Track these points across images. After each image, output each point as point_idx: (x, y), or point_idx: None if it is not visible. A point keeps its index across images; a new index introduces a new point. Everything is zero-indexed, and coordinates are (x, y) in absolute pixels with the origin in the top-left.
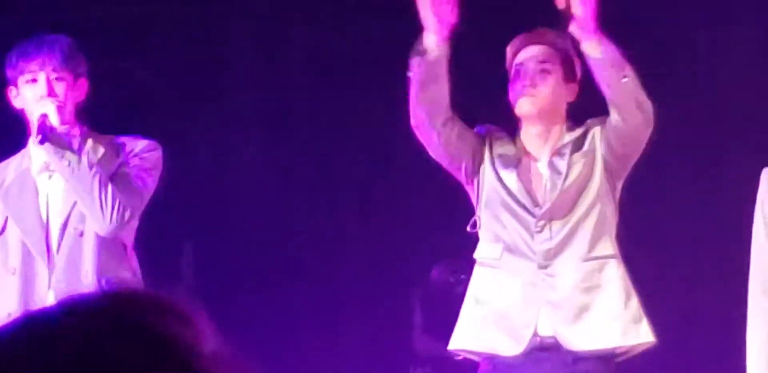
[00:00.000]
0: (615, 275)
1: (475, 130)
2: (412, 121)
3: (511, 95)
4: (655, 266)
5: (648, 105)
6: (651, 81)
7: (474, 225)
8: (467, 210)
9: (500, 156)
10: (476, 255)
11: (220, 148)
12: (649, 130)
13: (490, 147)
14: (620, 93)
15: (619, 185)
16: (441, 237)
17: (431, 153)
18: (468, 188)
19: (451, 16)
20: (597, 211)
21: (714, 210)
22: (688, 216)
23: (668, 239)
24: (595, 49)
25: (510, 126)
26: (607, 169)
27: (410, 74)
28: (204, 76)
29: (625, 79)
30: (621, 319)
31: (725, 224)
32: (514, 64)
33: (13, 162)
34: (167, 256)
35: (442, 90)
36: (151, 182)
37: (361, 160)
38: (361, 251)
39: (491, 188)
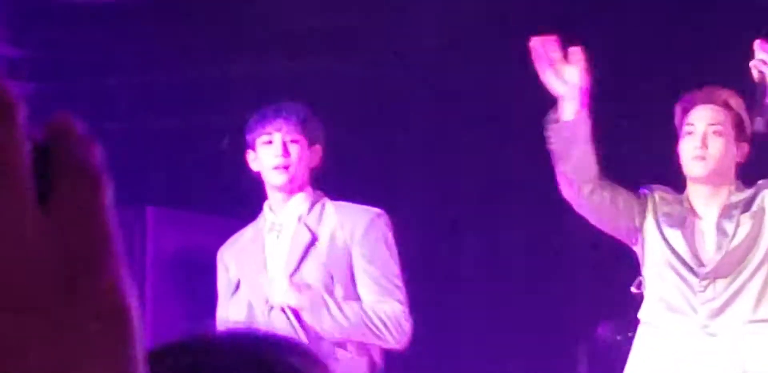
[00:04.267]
0: None
1: (639, 190)
2: (563, 193)
3: (682, 155)
4: None
5: None
6: None
7: (639, 285)
8: (632, 266)
9: (665, 215)
10: (640, 314)
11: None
12: None
13: (654, 206)
14: None
15: None
16: (606, 293)
17: (589, 219)
18: (634, 248)
19: (582, 80)
20: (764, 272)
21: None
22: None
23: None
24: None
25: (675, 183)
26: None
27: (550, 147)
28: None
29: None
30: None
31: None
32: (684, 123)
33: (251, 225)
34: None
35: (584, 157)
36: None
37: (529, 214)
38: (527, 303)
39: (655, 248)
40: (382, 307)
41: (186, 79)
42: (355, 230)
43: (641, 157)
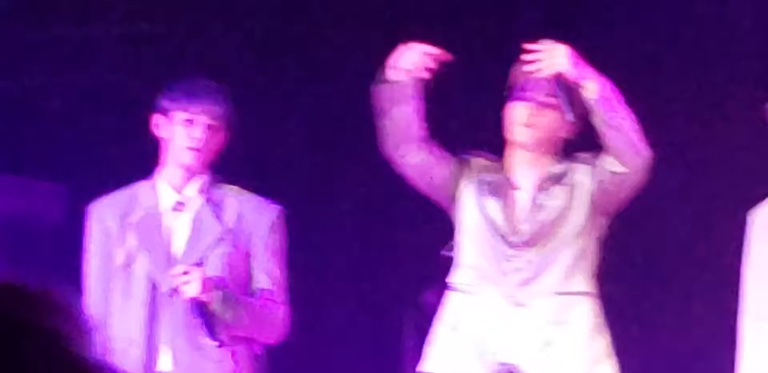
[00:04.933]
0: (586, 312)
1: (459, 155)
2: (383, 150)
3: (508, 121)
4: (646, 305)
5: (647, 151)
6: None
7: (449, 249)
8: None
9: (482, 182)
10: (451, 280)
11: None
12: (646, 175)
13: (472, 172)
14: (618, 136)
15: (605, 223)
16: (431, 260)
17: (407, 180)
18: (449, 213)
19: (424, 71)
20: (575, 246)
21: (703, 250)
22: (680, 255)
23: (654, 277)
24: (592, 91)
25: (495, 149)
26: (594, 207)
27: (375, 104)
28: None
29: (624, 122)
30: (584, 357)
31: (713, 262)
32: (515, 90)
33: (141, 193)
34: None
35: (406, 116)
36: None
37: (356, 177)
38: (353, 272)
39: (470, 214)
40: (274, 305)
41: (27, 40)
42: (260, 224)
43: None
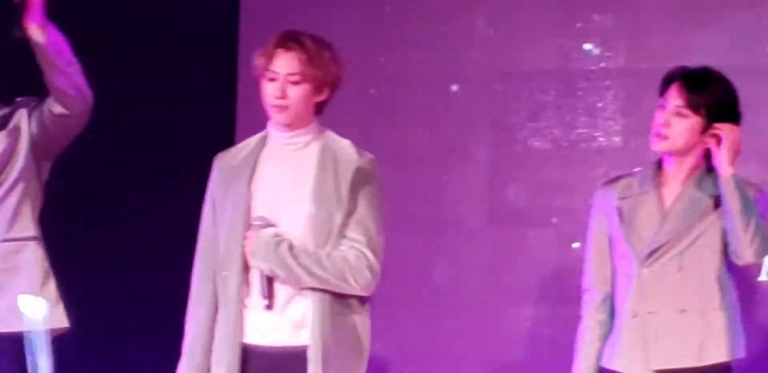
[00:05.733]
0: (33, 258)
1: None
2: None
3: None
4: (90, 248)
5: (89, 94)
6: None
7: None
8: None
9: None
10: None
11: None
12: (87, 117)
13: None
14: (64, 81)
15: (47, 166)
16: None
17: None
18: None
19: None
20: (18, 191)
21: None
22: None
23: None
24: (39, 35)
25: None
26: (35, 150)
27: None
28: None
29: (70, 67)
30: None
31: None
32: None
33: None
34: None
35: None
36: None
37: None
38: None
39: None
40: None
41: None
42: None
43: None
